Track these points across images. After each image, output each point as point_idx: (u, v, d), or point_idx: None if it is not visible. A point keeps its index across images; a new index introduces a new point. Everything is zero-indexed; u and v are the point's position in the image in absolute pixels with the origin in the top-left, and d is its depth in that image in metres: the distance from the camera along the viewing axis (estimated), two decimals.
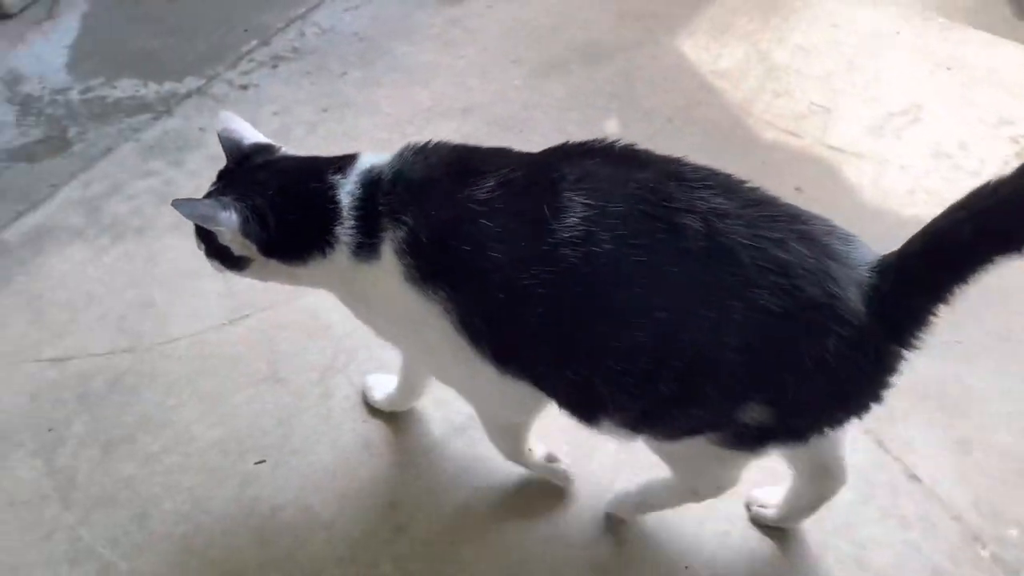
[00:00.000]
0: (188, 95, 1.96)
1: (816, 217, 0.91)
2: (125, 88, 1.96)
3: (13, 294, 1.54)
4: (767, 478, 1.23)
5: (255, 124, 1.93)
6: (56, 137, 1.84)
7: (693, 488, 1.14)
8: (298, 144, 1.84)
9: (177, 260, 1.61)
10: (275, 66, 2.04)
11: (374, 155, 1.05)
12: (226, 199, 1.02)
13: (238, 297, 1.55)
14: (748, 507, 1.27)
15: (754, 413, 0.91)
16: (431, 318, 0.98)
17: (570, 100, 1.97)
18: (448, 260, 0.95)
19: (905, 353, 0.88)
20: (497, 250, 0.91)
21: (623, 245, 0.87)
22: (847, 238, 0.90)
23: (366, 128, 1.89)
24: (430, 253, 0.96)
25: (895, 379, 0.90)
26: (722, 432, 0.96)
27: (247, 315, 1.53)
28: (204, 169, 1.79)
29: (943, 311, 0.85)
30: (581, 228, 0.88)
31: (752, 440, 0.96)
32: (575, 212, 0.89)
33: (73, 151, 1.81)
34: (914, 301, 0.85)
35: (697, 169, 0.93)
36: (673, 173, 0.92)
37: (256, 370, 1.45)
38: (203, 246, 1.09)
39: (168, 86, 1.98)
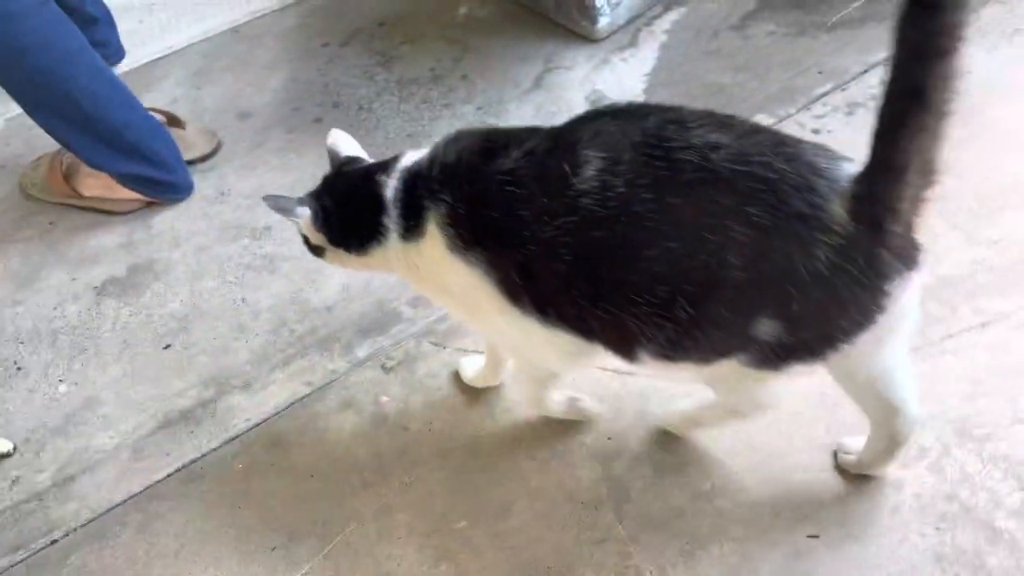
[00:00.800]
0: None
1: (805, 141, 0.98)
2: None
3: None
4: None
5: None
6: None
7: (734, 407, 1.23)
8: None
9: None
10: (850, 112, 1.95)
11: (415, 152, 1.21)
12: (304, 197, 1.27)
13: None
14: (835, 454, 1.34)
15: (766, 328, 0.97)
16: (475, 280, 1.11)
17: None
18: (482, 226, 1.09)
19: (892, 257, 0.92)
20: (524, 209, 1.03)
21: (633, 187, 0.96)
22: (834, 156, 0.96)
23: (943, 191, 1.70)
24: (466, 223, 1.10)
25: (894, 288, 0.94)
26: (748, 353, 1.01)
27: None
28: None
29: None
30: (597, 179, 0.98)
31: (774, 358, 1.01)
32: (592, 165, 0.99)
33: None
34: (883, 193, 0.90)
35: (695, 112, 0.99)
36: (672, 119, 0.99)
37: (815, 435, 1.37)
38: (301, 237, 1.32)
39: None
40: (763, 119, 1.98)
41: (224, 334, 1.72)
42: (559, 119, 2.06)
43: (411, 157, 1.21)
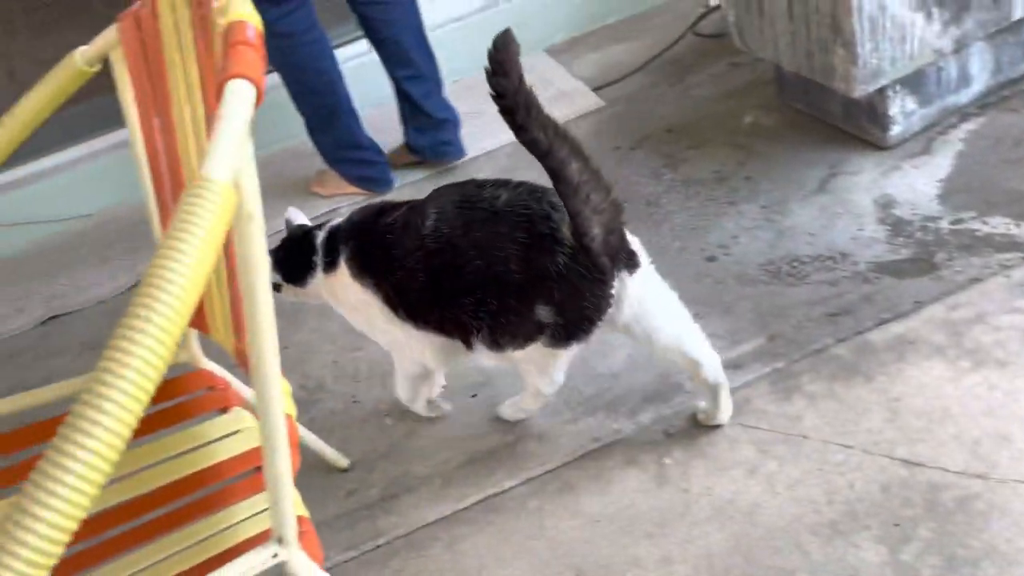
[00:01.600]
0: None
1: (552, 189, 1.41)
2: (996, 225, 2.00)
3: (873, 391, 1.68)
4: None
5: None
6: (923, 260, 1.97)
7: (537, 389, 1.69)
8: None
9: None
10: None
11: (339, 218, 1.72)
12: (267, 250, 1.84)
13: None
14: (696, 415, 1.74)
15: (543, 313, 1.46)
16: (369, 298, 1.61)
17: None
18: (370, 260, 1.59)
19: (607, 259, 1.43)
20: (396, 248, 1.54)
21: (454, 229, 1.48)
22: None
23: None
24: (362, 257, 1.60)
25: (615, 279, 1.46)
26: (544, 335, 1.50)
27: None
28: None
29: None
30: (434, 226, 1.49)
31: (560, 337, 1.50)
32: (431, 218, 1.50)
33: (940, 275, 1.91)
34: (575, 221, 1.39)
35: (493, 180, 1.53)
36: (479, 183, 1.53)
37: None
38: None
39: None
40: None
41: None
42: (844, 221, 2.16)
43: (336, 220, 1.71)
